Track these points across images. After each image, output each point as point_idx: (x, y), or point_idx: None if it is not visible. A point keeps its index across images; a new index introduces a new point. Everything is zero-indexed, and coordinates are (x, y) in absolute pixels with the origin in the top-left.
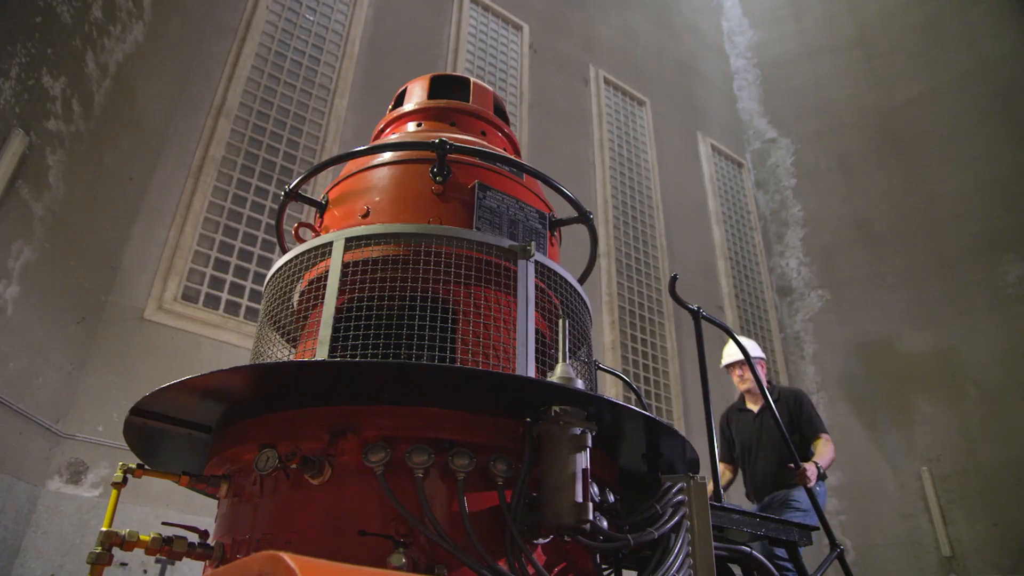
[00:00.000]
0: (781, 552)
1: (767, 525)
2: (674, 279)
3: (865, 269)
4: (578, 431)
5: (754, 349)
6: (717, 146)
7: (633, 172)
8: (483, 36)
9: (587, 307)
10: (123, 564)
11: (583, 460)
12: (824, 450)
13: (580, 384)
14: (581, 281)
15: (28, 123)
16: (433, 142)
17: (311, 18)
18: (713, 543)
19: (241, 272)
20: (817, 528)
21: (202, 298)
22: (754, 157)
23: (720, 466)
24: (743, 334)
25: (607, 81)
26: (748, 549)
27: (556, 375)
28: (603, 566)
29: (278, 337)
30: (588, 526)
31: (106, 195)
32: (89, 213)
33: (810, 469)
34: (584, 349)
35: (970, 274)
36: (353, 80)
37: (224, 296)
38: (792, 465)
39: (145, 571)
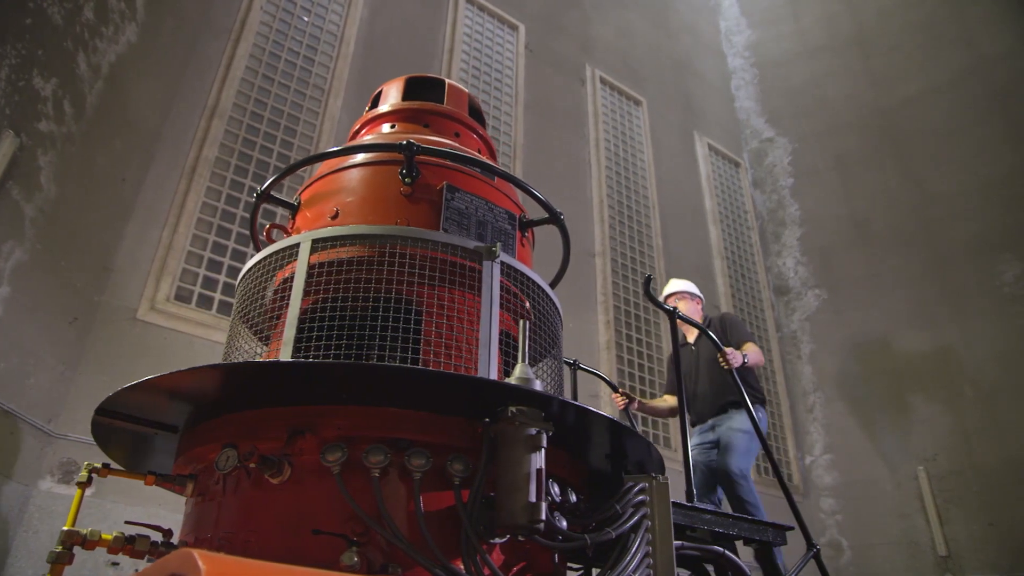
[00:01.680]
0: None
1: (740, 525)
2: (648, 280)
3: (862, 269)
4: (533, 431)
5: (690, 287)
6: (714, 145)
7: (629, 172)
8: (479, 36)
9: (557, 309)
10: (114, 564)
11: (538, 460)
12: (751, 349)
13: (538, 385)
14: (556, 282)
15: (19, 124)
16: (400, 144)
17: (306, 19)
18: (686, 543)
19: (234, 273)
20: (792, 528)
21: (195, 298)
22: (751, 156)
23: (666, 396)
24: None
25: (603, 81)
26: (721, 549)
27: (514, 376)
28: (576, 566)
29: (250, 335)
30: (542, 526)
31: (98, 196)
32: (81, 214)
33: (734, 354)
34: (555, 350)
35: (968, 274)
36: (348, 80)
37: (217, 296)
38: (720, 357)
39: (136, 569)
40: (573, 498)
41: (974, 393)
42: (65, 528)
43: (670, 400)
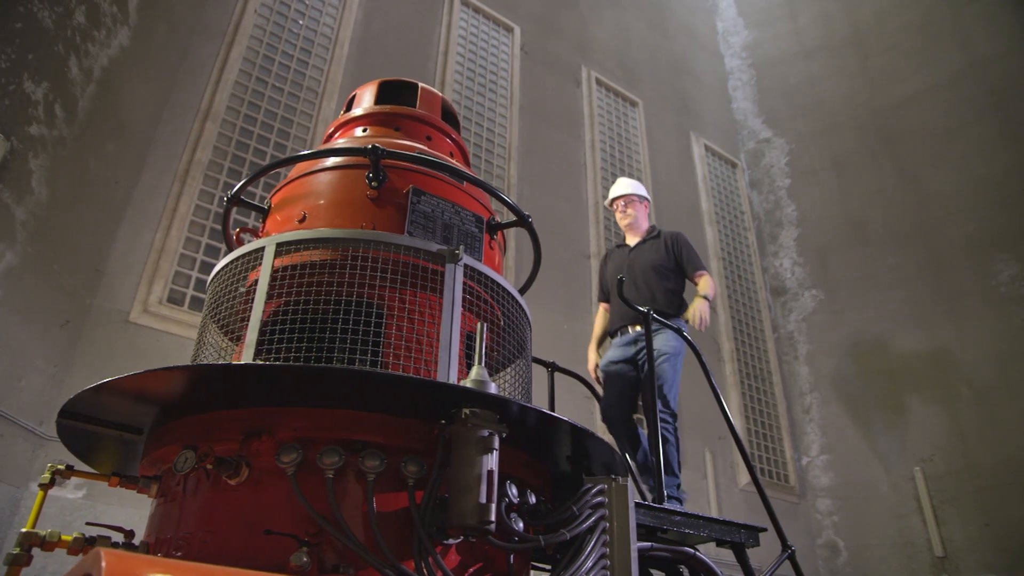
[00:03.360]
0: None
1: (711, 526)
2: (620, 281)
3: (859, 269)
4: (486, 433)
5: (640, 188)
6: (711, 146)
7: (625, 173)
8: (473, 38)
9: (525, 312)
10: None
11: (489, 461)
12: (707, 284)
13: (493, 388)
14: (527, 285)
15: (9, 128)
16: (366, 147)
17: (300, 21)
18: (655, 544)
19: None
20: (765, 530)
21: (187, 301)
22: (748, 157)
23: (600, 308)
24: (736, 335)
25: (599, 82)
26: (692, 550)
27: (469, 378)
28: (546, 566)
29: (220, 335)
30: (492, 527)
31: (91, 199)
32: (73, 217)
33: (702, 305)
34: (524, 353)
35: (963, 274)
36: (342, 83)
37: None
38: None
39: None
40: (532, 499)
41: (970, 393)
42: (23, 530)
43: (602, 313)
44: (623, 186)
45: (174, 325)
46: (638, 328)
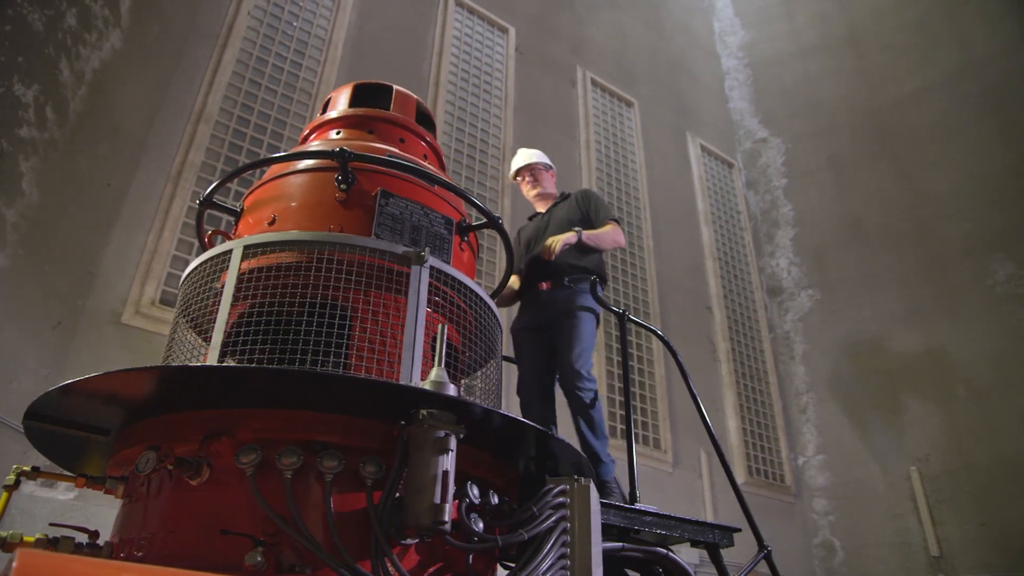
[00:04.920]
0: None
1: (684, 527)
2: (595, 282)
3: (856, 269)
4: (442, 434)
5: (543, 157)
6: (707, 146)
7: (620, 174)
8: (468, 39)
9: (494, 314)
10: None
11: (445, 462)
12: (608, 230)
13: (451, 389)
14: (501, 287)
15: None
16: (334, 151)
17: (294, 23)
18: (627, 544)
19: None
20: (739, 530)
21: None
22: (745, 157)
23: (512, 279)
24: (732, 335)
25: (594, 83)
26: (664, 551)
27: (428, 380)
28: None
29: (192, 336)
30: (446, 527)
31: (83, 201)
32: (65, 219)
33: (564, 235)
34: (494, 356)
35: (960, 273)
36: (336, 85)
37: None
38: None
39: None
40: (495, 500)
41: (967, 393)
42: None
43: (514, 281)
44: (525, 156)
45: (167, 327)
46: (545, 286)
